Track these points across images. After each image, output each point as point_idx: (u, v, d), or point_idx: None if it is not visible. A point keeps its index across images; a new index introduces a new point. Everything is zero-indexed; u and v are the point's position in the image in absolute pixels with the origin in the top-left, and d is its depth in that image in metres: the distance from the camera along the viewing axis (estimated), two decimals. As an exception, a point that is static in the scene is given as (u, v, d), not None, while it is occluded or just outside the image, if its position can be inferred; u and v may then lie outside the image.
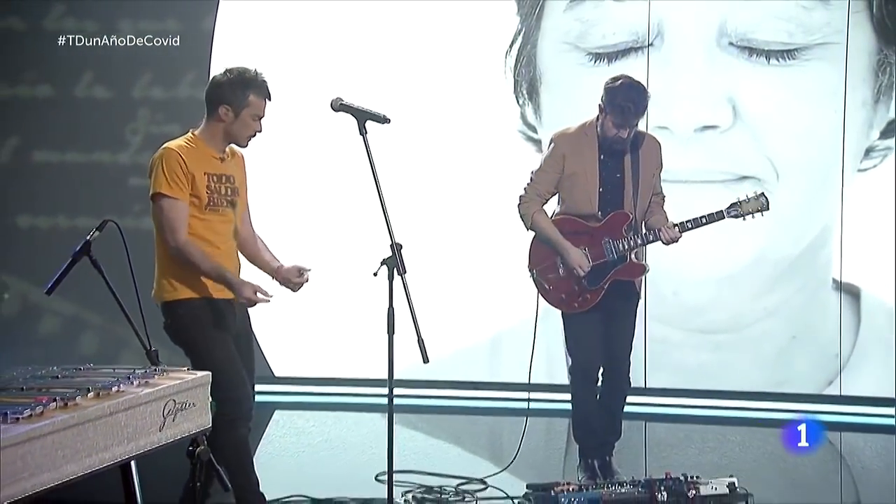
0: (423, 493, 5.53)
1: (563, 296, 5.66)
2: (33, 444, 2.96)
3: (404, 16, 7.75)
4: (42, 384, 3.37)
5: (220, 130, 4.84)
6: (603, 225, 5.61)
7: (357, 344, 7.08)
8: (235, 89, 4.80)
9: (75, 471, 3.13)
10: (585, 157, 5.61)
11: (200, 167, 4.78)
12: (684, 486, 5.20)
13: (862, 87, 7.37)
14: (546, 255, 5.65)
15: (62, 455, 3.07)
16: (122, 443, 3.33)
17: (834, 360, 7.48)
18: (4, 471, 2.86)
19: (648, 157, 5.71)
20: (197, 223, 4.78)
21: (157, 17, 8.07)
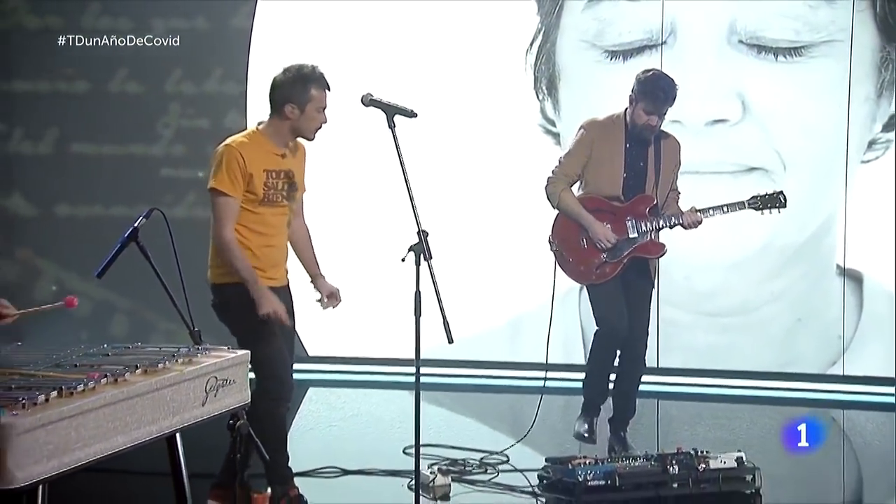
0: (447, 466, 5.54)
1: (583, 268, 5.68)
2: (86, 416, 2.99)
3: (430, 15, 7.77)
4: (94, 361, 3.40)
5: (287, 127, 4.80)
6: (628, 206, 5.64)
7: (386, 325, 7.11)
8: (297, 86, 4.76)
9: (124, 442, 3.15)
10: (612, 143, 5.64)
11: (260, 164, 4.76)
12: (695, 460, 5.18)
13: (865, 82, 7.35)
14: (571, 230, 5.66)
15: (112, 427, 3.10)
16: (167, 416, 3.36)
17: (837, 342, 7.48)
18: (59, 441, 2.90)
19: (670, 153, 5.74)
20: (251, 216, 4.78)
21: (187, 16, 8.10)
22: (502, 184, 7.64)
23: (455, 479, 5.45)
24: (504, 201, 7.46)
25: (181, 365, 3.51)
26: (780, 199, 5.73)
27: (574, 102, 7.49)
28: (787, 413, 7.02)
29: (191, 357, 3.61)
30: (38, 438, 2.82)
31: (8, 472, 2.74)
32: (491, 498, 5.33)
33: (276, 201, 4.83)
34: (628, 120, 5.64)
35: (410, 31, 7.79)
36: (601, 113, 5.75)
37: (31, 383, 3.07)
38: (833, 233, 7.50)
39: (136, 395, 3.21)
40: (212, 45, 8.09)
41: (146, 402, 3.26)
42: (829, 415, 7.16)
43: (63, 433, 2.90)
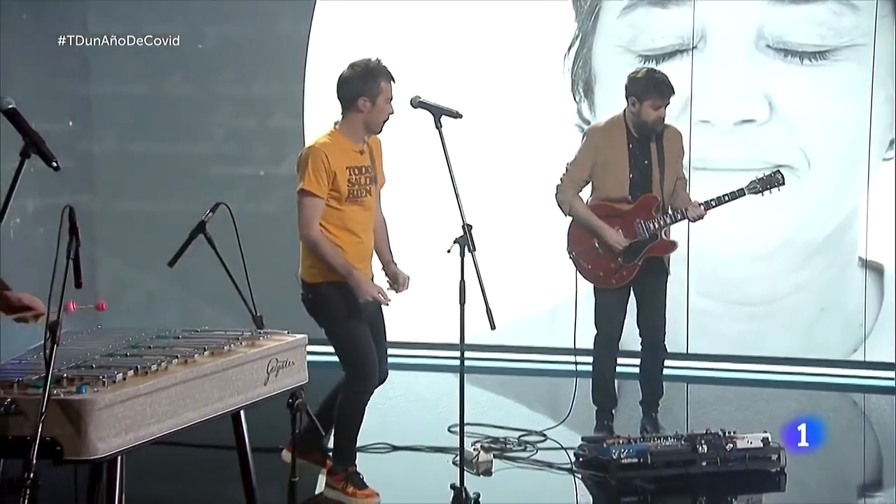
0: (489, 443, 5.57)
1: (601, 273, 5.67)
2: (159, 394, 3.06)
3: (474, 21, 7.77)
4: (166, 343, 3.46)
5: (360, 121, 4.75)
6: (634, 208, 5.62)
7: (433, 312, 7.13)
8: (367, 80, 4.71)
9: (194, 417, 3.23)
10: (616, 146, 5.62)
11: (343, 162, 4.72)
12: (722, 440, 5.19)
13: (887, 84, 7.28)
14: (584, 237, 5.66)
15: (183, 404, 3.17)
16: (232, 394, 3.43)
17: (859, 330, 7.42)
18: (135, 416, 2.97)
19: (672, 143, 5.72)
20: (337, 214, 4.74)
21: (239, 21, 8.15)
22: (541, 181, 7.60)
23: (496, 455, 5.48)
24: (543, 197, 7.43)
25: (245, 347, 3.57)
26: (777, 177, 5.67)
27: (609, 104, 7.46)
28: (811, 396, 7.02)
29: (253, 340, 3.67)
30: (116, 413, 2.89)
31: (91, 444, 2.82)
32: (530, 474, 5.35)
33: (360, 197, 4.78)
34: (629, 121, 5.62)
35: (455, 37, 7.80)
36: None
37: (110, 363, 3.14)
38: (855, 227, 7.44)
39: (204, 375, 3.28)
40: (259, 49, 8.12)
41: (213, 381, 3.33)
42: (850, 399, 7.14)
43: (139, 409, 2.97)
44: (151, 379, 3.07)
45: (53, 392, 2.79)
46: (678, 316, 5.87)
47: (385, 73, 4.75)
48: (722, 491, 5.12)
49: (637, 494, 5.03)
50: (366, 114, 4.74)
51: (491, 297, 4.33)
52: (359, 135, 4.80)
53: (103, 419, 2.84)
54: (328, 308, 4.77)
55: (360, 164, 4.80)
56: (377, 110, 4.74)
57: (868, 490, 5.52)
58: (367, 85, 4.71)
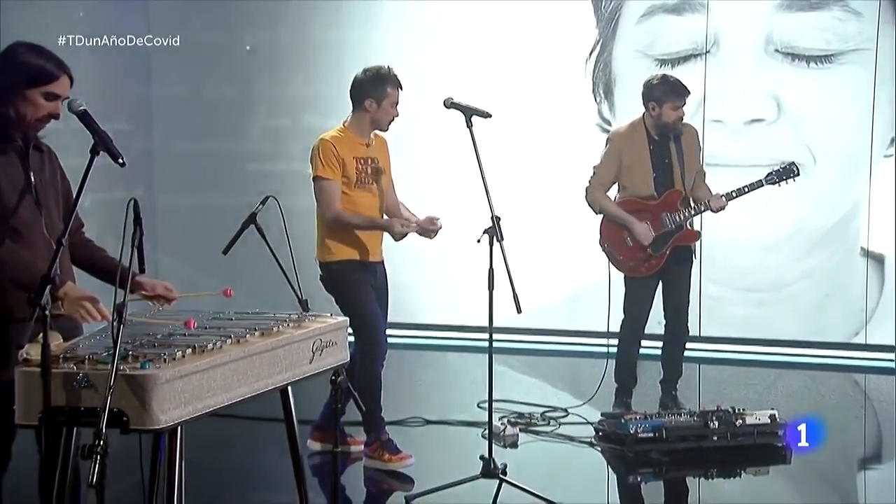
0: (515, 418, 5.61)
1: (632, 263, 5.67)
2: (214, 370, 3.06)
3: (503, 27, 7.78)
4: (220, 325, 3.45)
5: (367, 119, 4.90)
6: (660, 202, 5.62)
7: (464, 297, 7.17)
8: (376, 84, 4.86)
9: (245, 392, 3.21)
10: (638, 148, 5.62)
11: (350, 153, 4.86)
12: (733, 416, 5.20)
13: (888, 86, 7.23)
14: (615, 232, 5.66)
15: (236, 380, 3.16)
16: (280, 372, 3.40)
17: (860, 315, 7.39)
18: (193, 391, 2.98)
19: (690, 140, 5.72)
20: (348, 198, 4.87)
21: (271, 27, 8.19)
22: (564, 176, 7.63)
23: (522, 429, 5.51)
24: (565, 190, 7.44)
25: (292, 329, 3.55)
26: (793, 169, 5.66)
27: (627, 105, 7.44)
28: (815, 377, 7.00)
29: (299, 322, 3.66)
30: (176, 388, 2.90)
31: (154, 415, 2.84)
32: (553, 447, 5.37)
33: (366, 184, 4.91)
34: (649, 124, 5.61)
35: (485, 42, 7.81)
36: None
37: (170, 342, 3.18)
38: (858, 218, 7.40)
39: (254, 354, 3.27)
40: (291, 52, 8.17)
41: (263, 359, 3.31)
42: (852, 379, 7.11)
43: (196, 384, 2.98)
44: (207, 357, 3.07)
45: (120, 368, 2.82)
46: (691, 301, 5.85)
47: (393, 80, 4.89)
48: (731, 463, 5.11)
49: (652, 466, 5.04)
50: (371, 113, 4.89)
51: (517, 283, 4.33)
52: (365, 131, 4.95)
53: (165, 393, 2.86)
54: (341, 282, 4.89)
55: (366, 156, 4.93)
56: (382, 112, 4.89)
57: (868, 463, 5.50)
58: (375, 88, 4.86)
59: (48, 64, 3.26)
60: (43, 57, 3.27)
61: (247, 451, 5.27)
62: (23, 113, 3.25)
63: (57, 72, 3.26)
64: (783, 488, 5.01)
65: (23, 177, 3.31)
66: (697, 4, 7.49)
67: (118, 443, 2.87)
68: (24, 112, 3.25)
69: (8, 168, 3.28)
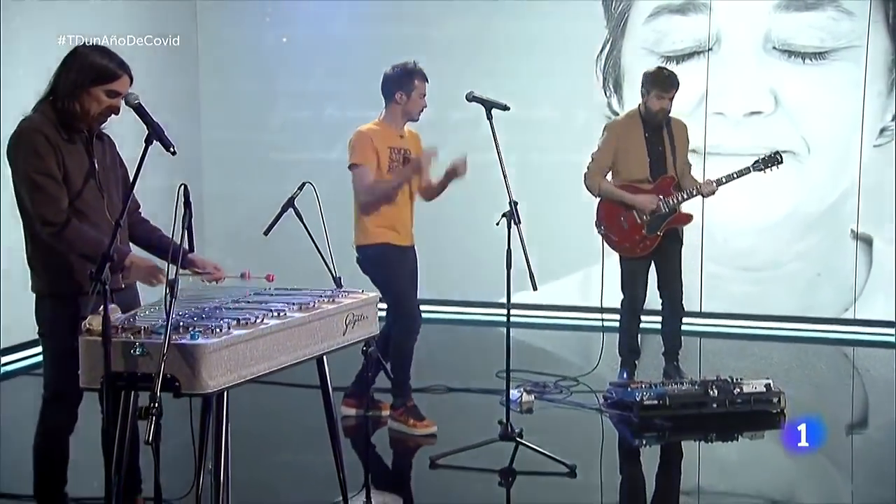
0: (531, 387, 5.62)
1: (628, 244, 5.65)
2: (256, 341, 3.09)
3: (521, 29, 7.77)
4: (262, 300, 3.47)
5: (399, 111, 4.92)
6: (655, 187, 5.60)
7: (483, 275, 7.17)
8: (404, 78, 4.89)
9: (285, 361, 3.24)
10: (633, 136, 5.60)
11: (385, 143, 4.88)
12: (731, 385, 5.22)
13: (878, 81, 7.20)
14: (612, 215, 5.63)
15: (276, 349, 3.19)
16: (317, 343, 3.42)
17: (850, 292, 7.37)
18: (238, 359, 3.01)
19: (679, 132, 5.69)
20: None
21: (295, 23, 8.19)
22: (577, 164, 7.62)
23: (537, 397, 5.53)
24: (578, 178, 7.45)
25: (327, 304, 3.56)
26: (777, 157, 5.63)
27: (635, 99, 7.33)
28: (807, 349, 6.99)
29: (334, 297, 3.66)
30: (223, 356, 2.93)
31: (203, 381, 2.88)
32: (565, 412, 5.38)
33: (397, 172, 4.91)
34: (643, 112, 5.60)
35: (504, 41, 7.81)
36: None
37: (217, 315, 3.21)
38: (848, 203, 7.36)
39: (293, 326, 3.29)
40: (315, 48, 8.16)
41: (301, 331, 3.34)
42: (842, 351, 7.10)
43: (241, 353, 3.01)
44: (250, 329, 3.10)
45: (173, 338, 2.86)
46: (693, 280, 5.85)
47: (419, 73, 4.92)
48: (729, 428, 5.12)
49: (656, 431, 5.05)
50: (402, 105, 4.91)
51: (533, 263, 4.33)
52: (398, 122, 4.96)
53: (212, 361, 2.89)
54: (377, 264, 4.91)
55: (400, 146, 4.95)
56: (412, 103, 4.91)
57: (855, 426, 5.50)
58: (403, 82, 4.89)
59: (111, 64, 3.31)
60: (106, 57, 3.32)
61: (286, 415, 5.31)
62: (87, 108, 3.31)
63: (119, 71, 3.32)
64: (777, 451, 5.01)
65: (87, 164, 3.38)
66: (701, 5, 7.45)
67: (171, 405, 2.93)
68: (88, 107, 3.31)
69: (75, 156, 3.35)
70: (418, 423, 4.96)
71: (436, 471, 4.48)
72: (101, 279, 2.92)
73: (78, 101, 3.29)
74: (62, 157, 3.29)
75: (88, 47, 3.34)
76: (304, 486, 4.35)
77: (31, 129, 3.29)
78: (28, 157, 3.27)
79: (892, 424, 5.48)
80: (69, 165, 3.31)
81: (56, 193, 3.26)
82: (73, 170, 3.32)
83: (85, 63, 3.29)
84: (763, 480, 4.56)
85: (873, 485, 4.52)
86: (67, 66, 3.32)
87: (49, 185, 3.26)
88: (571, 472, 4.38)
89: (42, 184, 3.26)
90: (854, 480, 4.65)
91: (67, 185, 3.31)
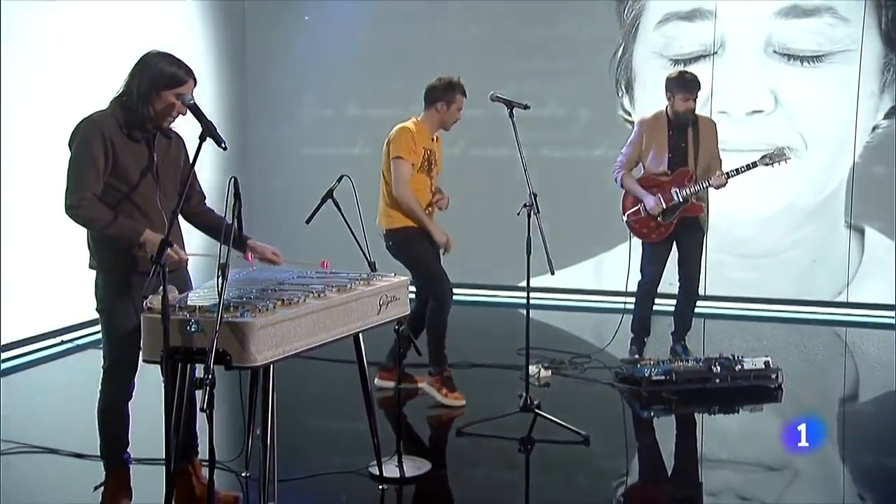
0: (548, 363, 5.63)
1: (645, 230, 5.64)
2: (300, 319, 3.12)
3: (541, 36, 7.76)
4: (304, 283, 3.50)
5: (437, 119, 4.94)
6: (672, 179, 5.58)
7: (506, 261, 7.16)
8: (447, 91, 4.91)
9: (325, 338, 3.27)
10: (659, 133, 5.58)
11: (422, 143, 4.91)
12: (732, 362, 5.22)
13: (871, 82, 7.14)
14: (633, 204, 5.63)
15: (317, 327, 3.21)
16: (354, 321, 3.46)
17: (843, 277, 7.33)
18: (282, 336, 3.04)
19: (707, 130, 5.65)
20: (411, 181, 4.90)
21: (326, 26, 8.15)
22: (591, 159, 7.64)
23: (554, 372, 5.53)
24: (592, 171, 7.46)
25: (362, 286, 3.59)
26: (783, 152, 5.57)
27: (646, 99, 7.41)
28: (803, 330, 6.95)
29: (369, 280, 3.69)
30: (269, 333, 2.96)
31: (251, 355, 2.91)
32: (580, 387, 5.38)
33: (424, 171, 4.95)
34: (670, 113, 5.57)
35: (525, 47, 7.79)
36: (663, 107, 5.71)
37: (264, 296, 3.24)
38: (842, 195, 7.32)
39: (332, 306, 3.32)
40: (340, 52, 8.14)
41: (339, 311, 3.37)
42: (834, 331, 7.05)
43: (285, 330, 3.04)
44: (294, 308, 3.13)
45: (224, 316, 2.89)
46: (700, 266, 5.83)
47: (461, 88, 4.94)
48: (731, 402, 5.11)
49: (663, 404, 5.05)
50: (441, 115, 4.93)
51: (550, 249, 4.34)
52: (434, 128, 4.99)
53: (260, 337, 2.92)
54: (409, 246, 4.90)
55: (431, 148, 4.98)
56: (449, 114, 4.94)
57: (846, 400, 5.48)
58: (446, 94, 4.91)
59: (179, 70, 3.33)
60: (175, 64, 3.34)
61: (325, 386, 5.33)
62: (158, 110, 3.33)
63: (186, 77, 3.34)
64: (774, 422, 4.99)
65: (146, 159, 3.40)
66: (707, 12, 7.40)
67: (223, 377, 2.96)
68: (158, 109, 3.33)
69: (137, 153, 3.37)
70: (450, 393, 4.98)
71: (461, 438, 4.50)
72: (161, 262, 2.96)
73: (150, 103, 3.32)
74: (115, 152, 3.30)
75: (157, 54, 3.36)
76: (341, 450, 4.38)
77: (90, 122, 3.32)
78: (79, 144, 3.29)
79: (880, 398, 5.47)
80: (124, 160, 3.32)
81: (86, 180, 3.26)
82: (130, 164, 3.34)
83: (156, 69, 3.31)
84: (761, 449, 4.56)
85: (862, 451, 4.51)
86: (139, 72, 3.33)
87: (84, 171, 3.26)
88: (585, 440, 4.39)
89: (78, 168, 3.27)
90: (845, 446, 4.63)
91: (123, 179, 3.32)
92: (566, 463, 4.25)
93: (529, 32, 7.77)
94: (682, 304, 5.80)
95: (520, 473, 4.19)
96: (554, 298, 7.48)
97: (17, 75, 5.88)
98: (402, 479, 3.89)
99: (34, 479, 4.04)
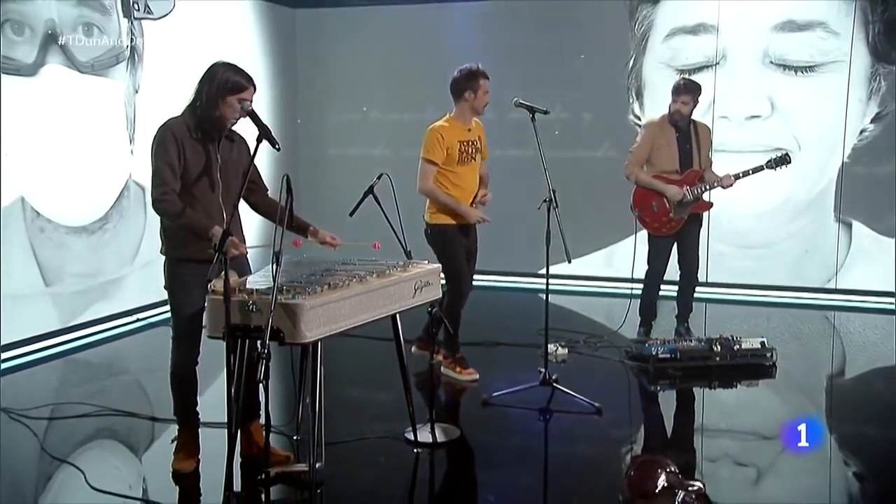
0: (565, 342, 5.59)
1: (657, 224, 5.59)
2: (343, 302, 3.16)
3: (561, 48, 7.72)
4: (348, 268, 3.54)
5: (468, 108, 4.79)
6: (682, 178, 5.55)
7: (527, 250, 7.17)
8: (471, 79, 4.76)
9: (366, 318, 3.32)
10: (667, 134, 5.54)
11: (455, 138, 4.77)
12: (731, 342, 5.20)
13: (859, 90, 7.03)
14: (645, 199, 5.57)
15: (359, 308, 3.26)
16: (391, 304, 3.50)
17: (832, 266, 7.25)
18: (329, 316, 3.07)
19: (704, 134, 5.62)
20: (452, 175, 4.80)
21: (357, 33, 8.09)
22: (605, 159, 7.60)
23: (570, 350, 5.52)
24: (606, 170, 7.42)
25: (399, 272, 3.63)
26: (787, 157, 5.54)
27: (654, 104, 7.35)
28: (795, 314, 6.88)
29: (405, 266, 3.72)
30: (317, 313, 3.01)
31: (302, 333, 2.96)
32: (594, 363, 5.37)
33: (467, 162, 4.83)
34: (669, 115, 5.52)
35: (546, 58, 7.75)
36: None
37: (312, 280, 3.27)
38: (832, 192, 7.23)
39: (372, 290, 3.36)
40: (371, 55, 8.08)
41: (379, 294, 3.40)
42: (824, 315, 6.98)
43: (331, 311, 3.08)
44: (339, 291, 3.16)
45: (278, 298, 2.93)
46: (701, 255, 5.78)
47: (483, 73, 4.79)
48: (730, 378, 5.09)
49: (669, 379, 5.04)
50: (471, 102, 4.78)
51: (567, 239, 4.33)
52: (467, 118, 4.84)
53: (309, 317, 2.96)
54: (441, 241, 4.84)
55: (468, 139, 4.83)
56: (478, 100, 4.78)
57: (834, 377, 5.43)
58: (470, 82, 4.76)
59: (242, 78, 3.37)
60: (238, 73, 3.38)
61: (366, 361, 5.36)
62: (223, 114, 3.38)
63: (248, 84, 3.38)
64: (770, 397, 4.97)
65: (206, 159, 3.43)
66: (710, 27, 7.33)
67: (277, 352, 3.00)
68: (223, 113, 3.37)
69: (200, 153, 3.42)
70: (464, 370, 4.98)
71: (487, 409, 4.51)
72: (223, 251, 3.00)
73: (217, 108, 3.36)
74: (184, 152, 3.35)
75: (223, 64, 3.40)
76: (380, 417, 4.40)
77: (164, 127, 3.39)
78: (157, 147, 3.36)
79: (864, 374, 5.44)
80: (189, 159, 3.38)
81: (166, 178, 3.31)
82: (193, 163, 3.38)
83: (222, 78, 3.35)
84: (757, 420, 4.54)
85: (847, 421, 4.49)
86: (208, 80, 3.37)
87: (163, 170, 3.32)
88: (598, 411, 4.39)
89: (158, 168, 3.34)
90: (831, 416, 4.60)
91: (186, 175, 3.37)
92: (581, 431, 4.25)
93: (541, 43, 7.72)
94: (684, 291, 5.77)
95: (538, 440, 4.20)
96: (570, 284, 7.44)
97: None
98: (435, 443, 3.92)
99: (120, 438, 4.13)
